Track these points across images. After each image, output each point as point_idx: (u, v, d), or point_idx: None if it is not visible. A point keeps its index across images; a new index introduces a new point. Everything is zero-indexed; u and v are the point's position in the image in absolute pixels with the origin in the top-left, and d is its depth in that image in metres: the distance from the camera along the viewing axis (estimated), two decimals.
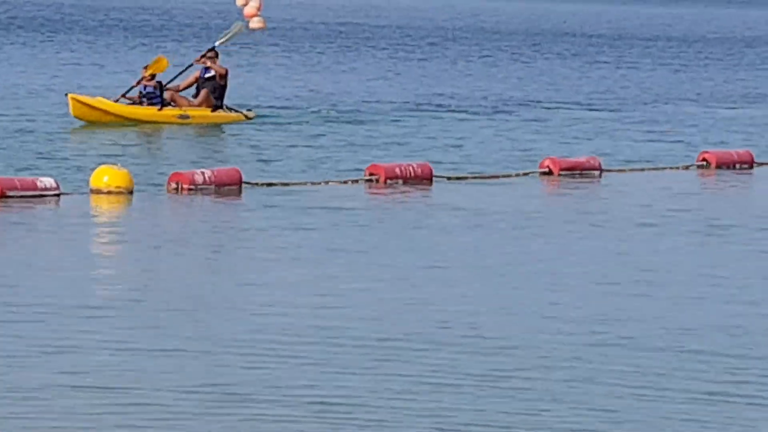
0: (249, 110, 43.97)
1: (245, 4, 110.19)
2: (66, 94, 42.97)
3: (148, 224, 29.04)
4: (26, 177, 30.99)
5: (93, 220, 29.32)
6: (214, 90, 41.92)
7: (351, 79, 61.84)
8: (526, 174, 36.09)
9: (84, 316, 20.38)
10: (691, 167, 38.04)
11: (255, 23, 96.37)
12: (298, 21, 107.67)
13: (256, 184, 32.98)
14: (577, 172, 36.11)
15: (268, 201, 31.18)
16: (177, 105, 41.85)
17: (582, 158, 37.26)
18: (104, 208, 30.14)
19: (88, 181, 31.04)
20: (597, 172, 36.43)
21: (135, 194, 30.92)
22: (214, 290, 22.69)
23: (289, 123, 44.66)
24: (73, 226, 28.33)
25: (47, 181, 30.45)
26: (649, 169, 38.06)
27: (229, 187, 32.05)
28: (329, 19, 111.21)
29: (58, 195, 30.12)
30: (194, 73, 42.79)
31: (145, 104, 41.44)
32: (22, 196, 29.59)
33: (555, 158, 36.42)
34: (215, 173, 32.47)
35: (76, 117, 41.59)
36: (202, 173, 32.32)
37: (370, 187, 33.65)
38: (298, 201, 31.26)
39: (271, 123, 43.54)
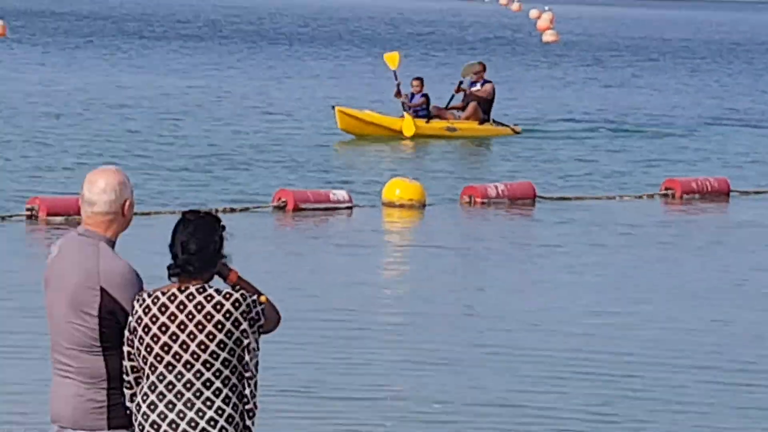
0: (515, 125, 43.26)
1: (538, 17, 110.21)
2: (333, 107, 42.66)
3: (442, 237, 28.78)
4: (319, 190, 31.02)
5: (386, 233, 29.19)
6: (485, 107, 41.54)
7: (644, 93, 61.19)
8: None
9: (380, 330, 20.34)
10: None
11: (548, 36, 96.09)
12: (589, 34, 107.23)
13: (550, 198, 32.62)
14: None
15: (562, 215, 30.81)
16: (443, 118, 41.41)
17: None
18: (397, 220, 29.98)
19: (379, 194, 30.98)
20: None
21: (427, 207, 30.73)
22: (508, 306, 22.35)
23: (579, 137, 44.24)
24: (366, 238, 28.23)
25: (340, 194, 30.43)
26: None
27: (522, 200, 31.73)
28: (622, 33, 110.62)
29: (350, 207, 30.07)
30: (461, 87, 42.30)
31: (412, 115, 40.91)
32: (315, 209, 29.61)
33: None
34: (508, 187, 32.18)
35: (342, 129, 41.38)
36: (495, 187, 32.07)
37: (666, 202, 33.03)
38: (593, 216, 30.83)
39: (558, 137, 43.45)
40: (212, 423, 9.51)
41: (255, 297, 9.56)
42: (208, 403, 9.53)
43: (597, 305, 22.38)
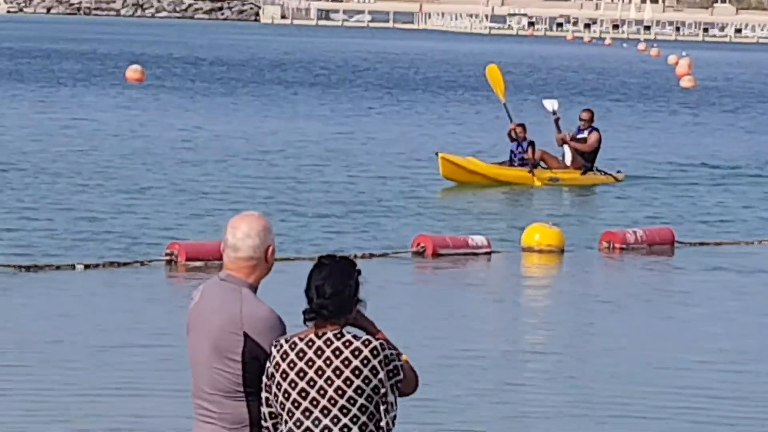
0: (618, 172, 42.89)
1: (676, 63, 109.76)
2: (436, 154, 42.18)
3: (581, 283, 28.71)
4: (458, 235, 30.99)
5: (525, 278, 29.11)
6: (587, 156, 41.25)
7: None
8: None
9: (514, 368, 20.35)
10: None
11: (685, 82, 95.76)
12: (727, 79, 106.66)
13: (690, 243, 32.45)
14: None
15: (702, 261, 30.63)
16: (547, 165, 40.93)
17: None
18: (536, 265, 29.89)
19: (518, 240, 30.98)
20: None
21: (566, 253, 30.66)
22: (650, 358, 22.21)
23: (713, 182, 44.15)
24: (504, 283, 28.21)
25: (479, 240, 30.41)
26: None
27: (661, 246, 31.59)
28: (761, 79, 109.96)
29: (489, 253, 30.03)
30: (565, 133, 41.98)
31: (516, 165, 40.58)
32: (454, 254, 29.60)
33: None
34: (647, 232, 32.07)
35: (444, 177, 40.70)
36: (634, 232, 31.96)
37: None
38: (733, 261, 30.63)
39: (693, 183, 42.91)
40: None
41: (396, 351, 9.58)
42: None
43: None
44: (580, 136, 41.39)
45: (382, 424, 9.58)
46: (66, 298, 24.69)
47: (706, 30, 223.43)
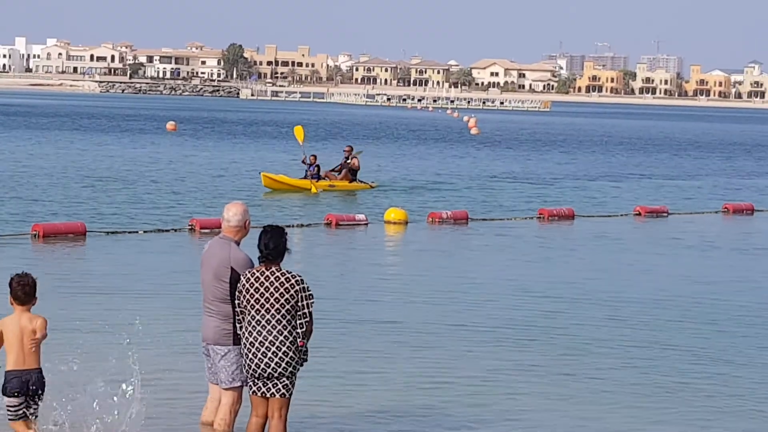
0: (372, 182, 41.17)
1: (468, 121, 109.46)
2: (260, 172, 41.16)
3: (419, 240, 28.23)
4: (350, 214, 30.62)
5: (388, 239, 28.67)
6: (350, 171, 39.93)
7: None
8: None
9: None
10: None
11: (473, 131, 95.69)
12: (496, 129, 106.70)
13: (479, 219, 32.19)
14: None
15: (486, 230, 30.32)
16: (329, 179, 39.57)
17: None
18: (393, 232, 29.49)
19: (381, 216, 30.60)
20: None
21: (409, 224, 30.34)
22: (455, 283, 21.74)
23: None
24: (376, 241, 27.80)
25: (361, 217, 30.06)
26: None
27: (462, 220, 31.30)
28: (527, 131, 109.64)
29: (366, 224, 29.66)
30: (341, 161, 40.74)
31: (309, 178, 38.98)
32: (347, 225, 29.24)
33: None
34: (454, 213, 31.82)
35: (266, 186, 38.65)
36: (446, 212, 31.71)
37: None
38: (503, 229, 30.33)
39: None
40: (278, 343, 9.70)
41: (309, 291, 9.85)
42: (277, 333, 9.73)
43: None
44: (347, 161, 40.08)
45: (298, 323, 9.75)
46: (136, 250, 24.23)
47: (484, 102, 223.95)
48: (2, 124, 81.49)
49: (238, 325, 9.97)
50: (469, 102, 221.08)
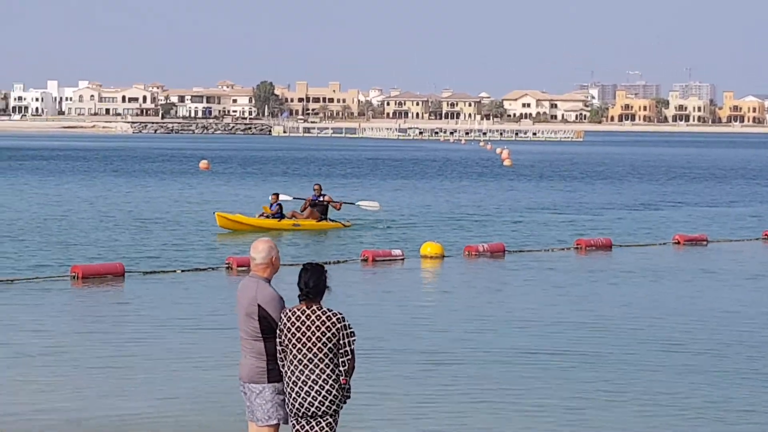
0: (347, 221, 38.91)
1: (500, 152, 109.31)
2: (214, 212, 38.60)
3: (458, 275, 28.13)
4: (386, 249, 30.57)
5: (425, 273, 28.53)
6: (321, 211, 38.03)
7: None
8: None
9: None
10: None
11: (506, 162, 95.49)
12: (529, 161, 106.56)
13: (515, 251, 32.06)
14: None
15: (521, 261, 30.19)
16: (296, 218, 37.73)
17: None
18: (429, 266, 29.34)
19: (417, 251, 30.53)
20: None
21: (446, 258, 30.23)
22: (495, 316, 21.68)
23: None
24: (413, 275, 27.68)
25: (397, 252, 30.02)
26: None
27: (498, 253, 31.18)
28: (562, 161, 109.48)
29: (403, 259, 29.60)
30: (308, 198, 38.82)
31: (271, 218, 37.01)
32: (384, 260, 29.20)
33: None
34: (490, 245, 31.72)
35: (220, 226, 36.61)
36: (482, 245, 31.61)
37: None
38: (537, 260, 30.20)
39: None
40: (321, 381, 9.68)
41: (350, 328, 9.77)
42: (319, 371, 9.69)
43: None
44: (319, 200, 38.17)
45: (341, 361, 9.72)
46: (173, 287, 24.29)
47: (516, 133, 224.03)
48: (37, 169, 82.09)
49: (279, 363, 9.97)
50: (501, 134, 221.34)
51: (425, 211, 46.19)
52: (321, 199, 38.21)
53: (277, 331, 9.93)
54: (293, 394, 9.79)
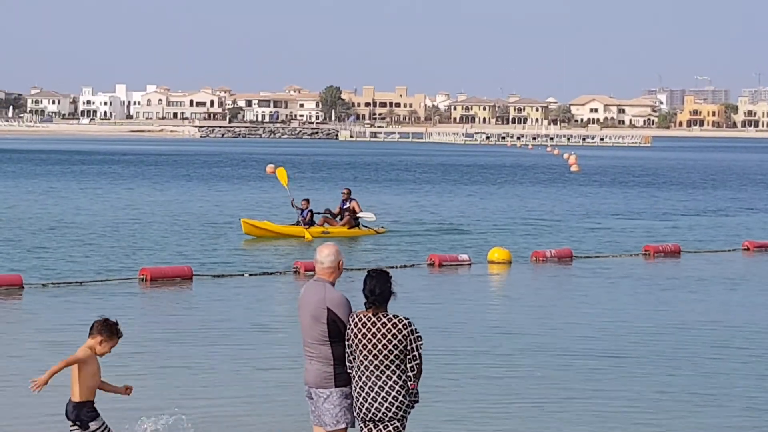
0: (381, 227, 38.32)
1: (568, 158, 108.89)
2: (239, 219, 38.32)
3: (526, 280, 28.05)
4: (452, 254, 30.61)
5: (492, 277, 28.47)
6: (355, 217, 37.36)
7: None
8: None
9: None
10: None
11: (573, 168, 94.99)
12: (597, 166, 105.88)
13: (582, 257, 31.89)
14: None
15: (588, 267, 30.04)
16: (329, 224, 36.77)
17: None
18: (496, 271, 29.30)
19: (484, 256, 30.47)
20: None
21: (513, 263, 30.15)
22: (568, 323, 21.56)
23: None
24: (481, 280, 27.62)
25: (464, 257, 30.01)
26: None
27: (565, 258, 31.07)
28: (626, 166, 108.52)
29: (470, 264, 29.57)
30: (337, 205, 38.05)
31: (301, 224, 36.25)
32: (450, 265, 29.20)
33: None
34: (557, 251, 31.59)
35: (246, 233, 35.89)
36: (550, 251, 31.48)
37: None
38: (600, 266, 30.03)
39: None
40: (388, 387, 9.67)
41: (417, 333, 9.77)
42: (386, 377, 9.70)
43: None
44: (346, 206, 37.41)
45: (409, 366, 9.71)
46: (241, 291, 24.45)
47: (584, 139, 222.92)
48: (108, 173, 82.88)
49: (348, 365, 9.97)
50: (568, 139, 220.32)
51: (493, 217, 46.09)
52: (348, 205, 37.38)
53: (345, 336, 9.93)
54: (360, 399, 9.79)
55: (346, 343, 9.89)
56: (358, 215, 37.48)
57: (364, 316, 9.72)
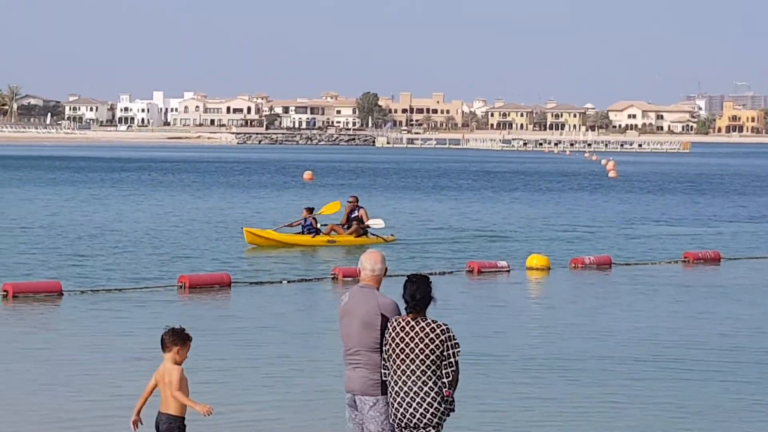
0: (391, 235, 37.46)
1: (606, 164, 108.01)
2: (242, 228, 37.39)
3: (563, 286, 27.97)
4: (490, 261, 30.59)
5: (532, 284, 28.41)
6: (360, 224, 36.47)
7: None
8: None
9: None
10: None
11: (611, 174, 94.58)
12: (635, 172, 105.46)
13: (621, 264, 31.78)
14: None
15: (628, 274, 29.92)
16: (337, 232, 35.91)
17: None
18: (535, 277, 29.20)
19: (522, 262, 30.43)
20: None
21: (551, 270, 30.08)
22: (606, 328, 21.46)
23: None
24: (520, 287, 27.54)
25: (502, 263, 29.98)
26: None
27: (604, 265, 30.95)
28: (665, 172, 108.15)
29: (508, 270, 29.54)
30: (345, 213, 36.89)
31: (305, 233, 35.72)
32: (490, 271, 29.18)
33: None
34: (596, 258, 31.50)
35: (248, 242, 35.14)
36: (589, 257, 31.40)
37: None
38: (640, 273, 29.91)
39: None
40: (423, 393, 9.65)
41: (455, 340, 9.73)
42: (422, 383, 9.68)
43: None
44: (354, 215, 36.43)
45: (444, 373, 9.68)
46: (278, 298, 24.55)
47: (622, 145, 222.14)
48: (148, 180, 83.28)
49: (383, 371, 9.96)
50: (606, 145, 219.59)
51: (532, 223, 46.01)
52: (357, 213, 36.50)
53: (383, 340, 9.92)
54: (396, 404, 9.79)
55: (383, 348, 9.89)
56: (366, 223, 36.71)
57: (403, 321, 9.71)
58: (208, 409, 9.95)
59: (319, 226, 36.30)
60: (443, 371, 9.73)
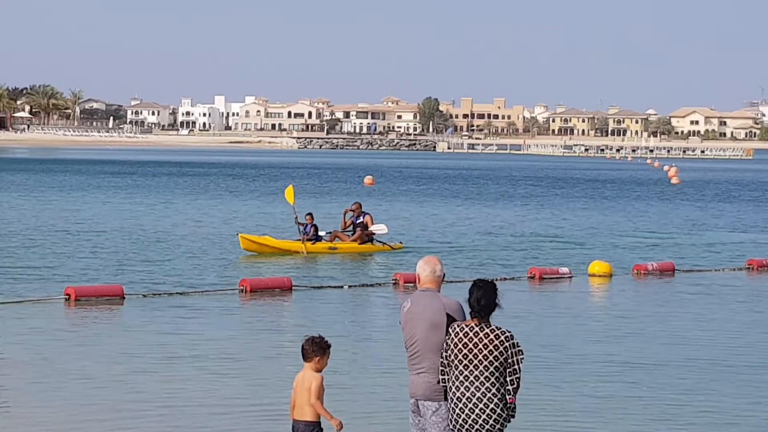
0: (399, 242, 36.33)
1: (668, 170, 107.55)
2: (237, 234, 36.36)
3: (625, 293, 27.74)
4: (553, 267, 30.44)
5: (594, 290, 28.23)
6: (364, 231, 35.37)
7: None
8: None
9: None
10: None
11: (674, 180, 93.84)
12: (697, 178, 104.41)
13: (684, 270, 31.52)
14: None
15: (691, 281, 29.67)
16: (340, 239, 35.01)
17: None
18: (597, 284, 29.04)
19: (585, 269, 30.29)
20: None
21: (614, 276, 29.87)
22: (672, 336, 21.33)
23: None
24: (581, 295, 27.37)
25: (564, 270, 29.84)
26: None
27: (667, 272, 30.75)
28: (730, 180, 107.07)
29: (570, 277, 29.37)
30: (348, 219, 35.89)
31: (304, 240, 34.40)
32: (551, 278, 29.04)
33: None
34: (659, 264, 31.27)
35: (244, 249, 34.19)
36: (652, 264, 31.19)
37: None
38: (702, 280, 29.64)
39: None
40: (486, 400, 9.60)
41: (519, 347, 9.65)
42: (485, 389, 9.62)
43: None
44: (358, 221, 35.58)
45: (508, 380, 9.63)
46: (339, 302, 24.53)
47: (684, 151, 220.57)
48: (202, 189, 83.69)
49: (440, 377, 9.91)
50: (668, 151, 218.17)
51: (594, 229, 45.76)
52: (360, 219, 35.63)
53: (444, 345, 9.87)
54: (457, 411, 9.75)
55: (444, 354, 9.84)
56: (371, 229, 35.80)
57: (467, 326, 9.65)
58: (340, 423, 10.08)
59: (321, 233, 35.41)
60: (507, 378, 9.68)
